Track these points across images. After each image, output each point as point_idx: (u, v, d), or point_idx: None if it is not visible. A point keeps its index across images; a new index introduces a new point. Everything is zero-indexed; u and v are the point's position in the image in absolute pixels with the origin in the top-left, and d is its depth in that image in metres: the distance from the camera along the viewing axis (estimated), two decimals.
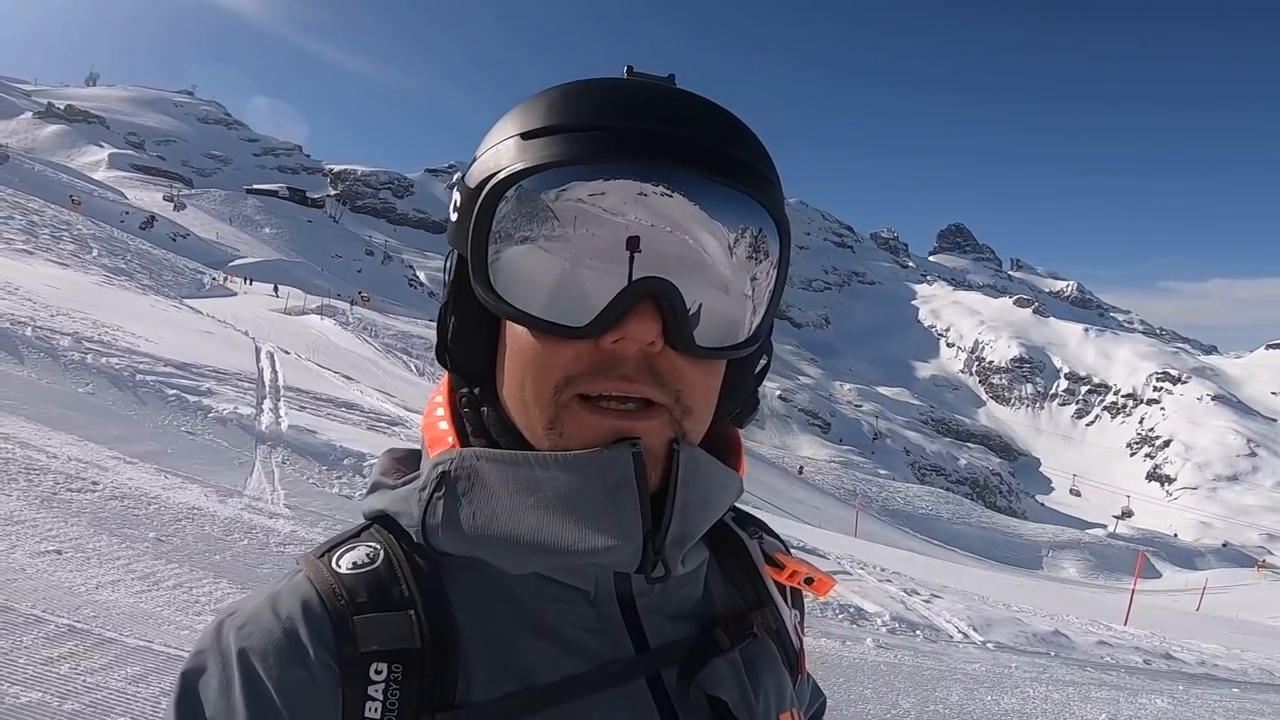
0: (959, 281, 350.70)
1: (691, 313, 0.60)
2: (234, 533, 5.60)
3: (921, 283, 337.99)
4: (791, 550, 0.80)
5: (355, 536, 0.68)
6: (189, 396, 9.41)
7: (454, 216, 0.65)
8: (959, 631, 7.96)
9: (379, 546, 0.65)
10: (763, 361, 0.74)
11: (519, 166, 0.59)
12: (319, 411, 11.27)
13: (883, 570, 11.76)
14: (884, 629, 7.41)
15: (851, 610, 7.76)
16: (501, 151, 0.61)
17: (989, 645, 7.54)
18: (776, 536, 0.82)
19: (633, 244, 0.58)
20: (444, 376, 0.74)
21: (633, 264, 0.58)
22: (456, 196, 0.66)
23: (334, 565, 0.64)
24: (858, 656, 6.15)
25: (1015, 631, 8.29)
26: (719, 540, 0.77)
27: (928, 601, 9.25)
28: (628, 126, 0.59)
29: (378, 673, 0.58)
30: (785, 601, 0.78)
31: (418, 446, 0.73)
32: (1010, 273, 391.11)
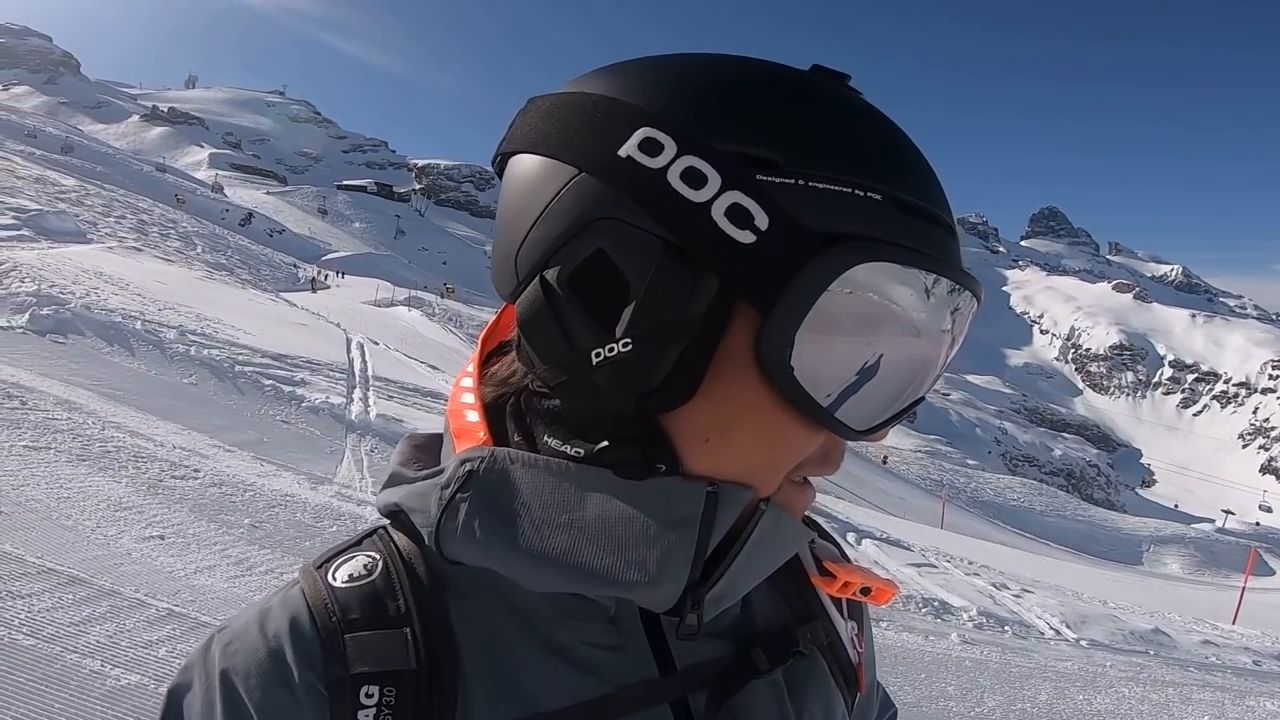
0: (1053, 266, 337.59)
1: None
2: (324, 519, 5.80)
3: (1013, 268, 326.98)
4: (848, 556, 0.71)
5: (357, 545, 0.62)
6: (284, 387, 9.79)
7: (745, 236, 0.48)
8: (1050, 628, 7.65)
9: (378, 556, 0.60)
10: None
11: (919, 258, 0.50)
12: (406, 401, 11.58)
13: (970, 563, 11.40)
14: (970, 624, 7.17)
15: (936, 604, 7.54)
16: (867, 208, 0.49)
17: (1082, 643, 7.23)
18: (831, 540, 0.73)
19: (947, 354, 0.55)
20: (473, 355, 0.66)
21: (938, 373, 0.55)
22: (758, 212, 0.48)
23: (330, 578, 0.59)
24: (941, 652, 5.98)
25: (1111, 629, 7.92)
26: None
27: (1018, 596, 8.92)
28: (946, 222, 0.54)
29: (369, 696, 0.54)
30: (841, 612, 0.71)
31: (440, 432, 0.66)
32: (1109, 257, 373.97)
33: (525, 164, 0.54)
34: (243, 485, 6.05)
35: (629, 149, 0.49)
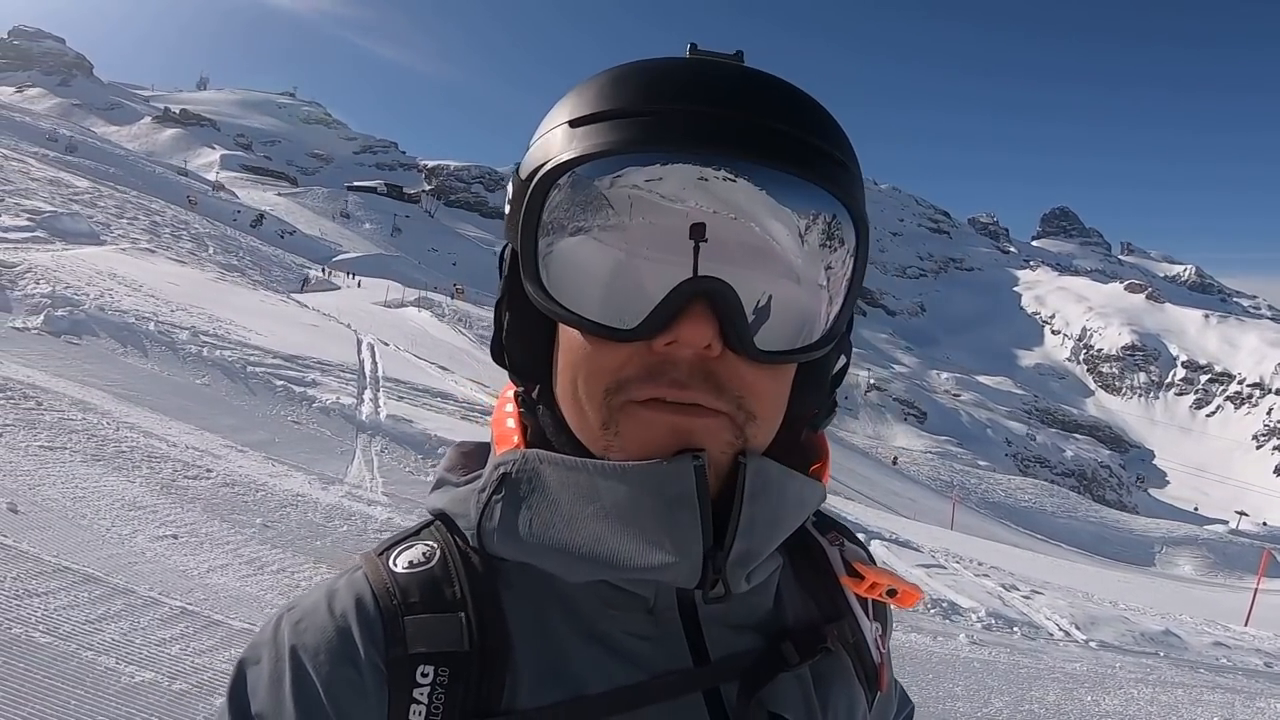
0: (1064, 267, 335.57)
1: (761, 305, 0.56)
2: (334, 519, 5.84)
3: (1024, 268, 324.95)
4: (875, 560, 0.75)
5: (415, 534, 0.67)
6: (295, 387, 9.86)
7: (508, 209, 0.62)
8: (1059, 629, 7.63)
9: (436, 545, 0.65)
10: (841, 361, 0.69)
11: (568, 155, 0.55)
12: (416, 401, 11.64)
13: (980, 564, 11.37)
14: (979, 625, 7.17)
15: (945, 605, 7.54)
16: (551, 140, 0.58)
17: (1092, 644, 7.21)
18: (859, 544, 0.77)
19: (697, 232, 0.53)
20: None
21: (698, 255, 0.54)
22: (510, 188, 0.63)
23: (391, 564, 0.63)
24: (949, 653, 5.98)
25: (1121, 630, 7.88)
26: (796, 546, 0.73)
27: (1027, 598, 8.90)
28: (687, 109, 0.54)
29: (424, 675, 0.58)
30: (866, 613, 0.74)
31: (488, 440, 0.71)
32: (1121, 257, 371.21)
33: None
34: (254, 485, 6.11)
35: None
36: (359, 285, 48.61)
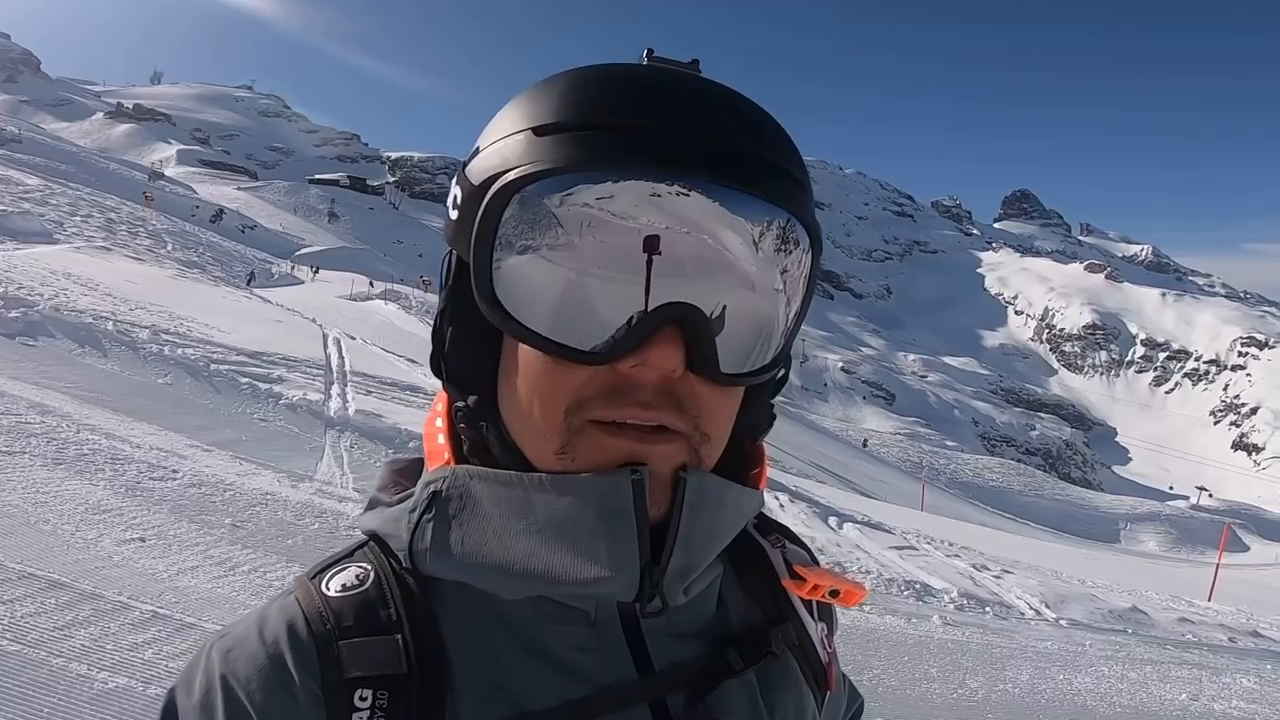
0: (1026, 248, 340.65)
1: (714, 317, 0.55)
2: (305, 517, 5.77)
3: (987, 250, 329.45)
4: (818, 561, 0.74)
5: (348, 556, 0.65)
6: (261, 384, 9.70)
7: (454, 214, 0.60)
8: (1030, 608, 7.77)
9: (370, 567, 0.63)
10: (780, 372, 0.68)
11: (529, 169, 0.54)
12: (385, 395, 11.52)
13: (950, 545, 11.53)
14: (951, 606, 7.28)
15: (917, 587, 7.64)
16: (510, 147, 0.56)
17: (1062, 622, 7.35)
18: (801, 544, 0.75)
19: (651, 245, 0.53)
20: None
21: (650, 271, 0.53)
22: (457, 191, 0.60)
23: (324, 587, 0.62)
24: (923, 634, 6.06)
25: (1090, 608, 8.05)
26: (738, 549, 0.72)
27: (998, 577, 9.05)
28: (642, 125, 0.54)
29: (362, 699, 0.56)
30: (811, 613, 0.73)
31: (422, 456, 0.70)
32: (1080, 238, 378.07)
33: None
34: (222, 485, 6.01)
35: None
36: (315, 274, 47.96)
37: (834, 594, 0.69)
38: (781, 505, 11.48)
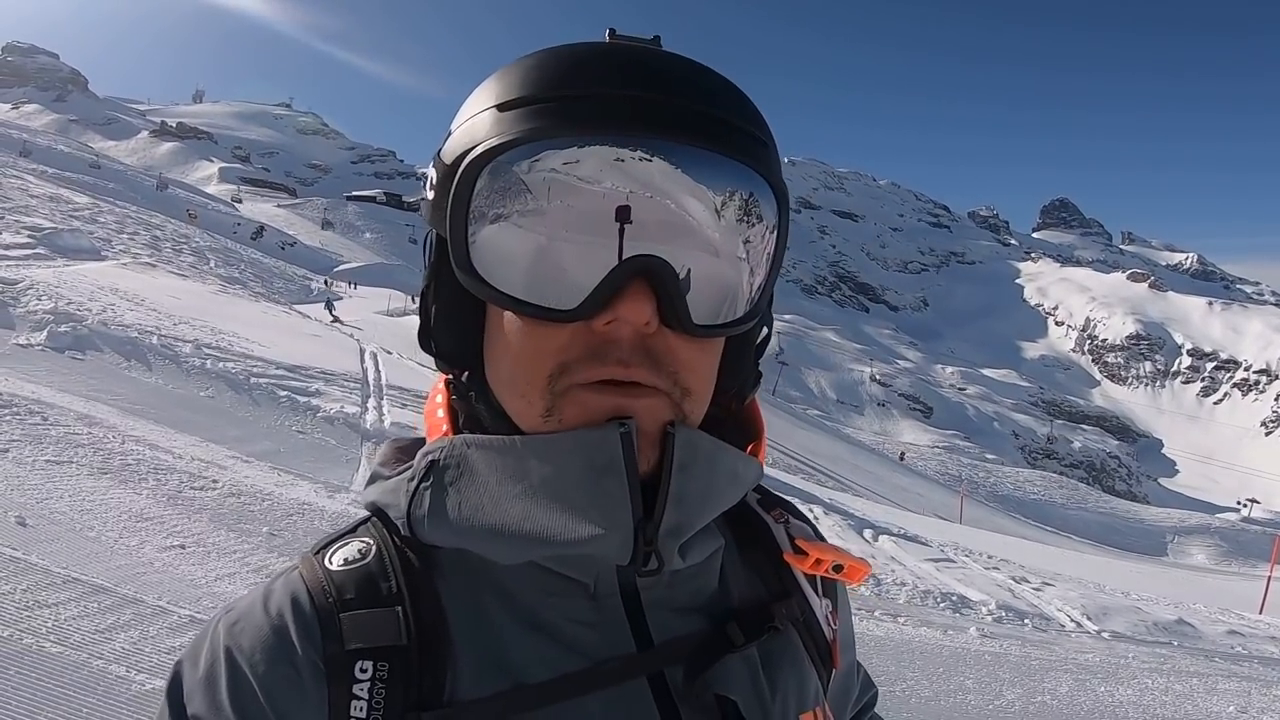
0: (1066, 258, 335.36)
1: (692, 279, 0.57)
2: (341, 526, 5.84)
3: (1025, 260, 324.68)
4: (822, 536, 0.75)
5: (351, 531, 0.67)
6: (299, 397, 9.87)
7: (430, 194, 0.63)
8: (1071, 620, 7.60)
9: (372, 541, 0.64)
10: (763, 333, 0.70)
11: (495, 141, 0.56)
12: (420, 408, 11.56)
13: (989, 557, 11.33)
14: (989, 618, 7.14)
15: (955, 598, 7.52)
16: (477, 124, 0.59)
17: (1104, 635, 7.18)
18: (805, 520, 0.76)
19: (622, 214, 0.54)
20: None
21: (623, 236, 0.55)
22: (432, 173, 0.63)
23: (326, 562, 0.63)
24: (960, 646, 5.96)
25: (1134, 620, 7.85)
26: (741, 525, 0.73)
27: (1038, 589, 8.86)
28: (605, 93, 0.56)
29: (363, 671, 0.57)
30: (815, 590, 0.74)
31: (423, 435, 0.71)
32: (1122, 246, 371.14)
33: None
34: (260, 495, 6.12)
35: None
36: (354, 289, 48.65)
37: (838, 569, 0.69)
38: (816, 518, 11.37)
